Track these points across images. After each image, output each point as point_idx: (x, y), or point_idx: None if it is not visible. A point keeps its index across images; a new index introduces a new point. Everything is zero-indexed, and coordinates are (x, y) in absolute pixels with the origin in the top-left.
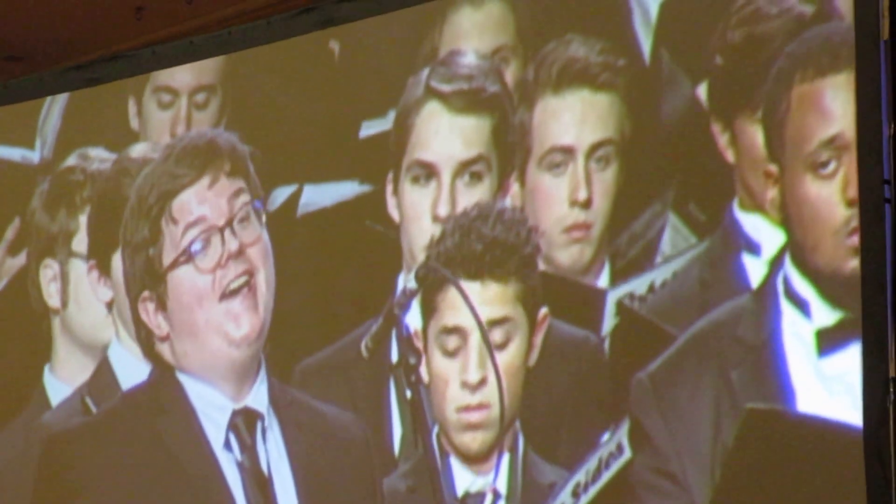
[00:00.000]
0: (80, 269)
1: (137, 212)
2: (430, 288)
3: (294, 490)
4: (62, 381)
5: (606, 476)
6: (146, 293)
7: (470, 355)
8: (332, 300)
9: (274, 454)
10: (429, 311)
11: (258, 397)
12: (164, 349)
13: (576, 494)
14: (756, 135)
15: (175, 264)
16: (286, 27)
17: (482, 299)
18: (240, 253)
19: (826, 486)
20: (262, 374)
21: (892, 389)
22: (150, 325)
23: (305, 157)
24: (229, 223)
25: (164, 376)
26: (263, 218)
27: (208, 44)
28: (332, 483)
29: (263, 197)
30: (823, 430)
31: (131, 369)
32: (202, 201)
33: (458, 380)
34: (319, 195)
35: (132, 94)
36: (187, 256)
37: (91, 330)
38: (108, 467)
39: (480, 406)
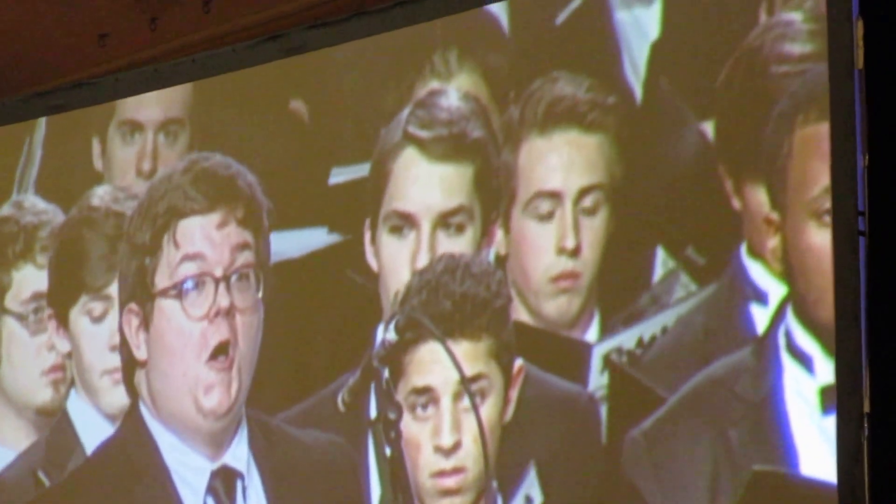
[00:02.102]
0: (11, 327)
1: (145, 213)
2: (398, 349)
3: None
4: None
5: None
6: (133, 305)
7: (443, 418)
8: (308, 351)
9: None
10: (397, 374)
11: (237, 453)
12: (141, 380)
13: None
14: (758, 183)
15: (165, 293)
16: (251, 55)
17: (455, 355)
18: (228, 313)
19: None
20: (243, 432)
21: (866, 425)
22: (130, 340)
23: (276, 199)
24: (226, 277)
25: (136, 433)
26: (261, 290)
27: (172, 72)
28: None
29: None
30: (829, 494)
31: (92, 423)
32: (206, 237)
33: (431, 444)
34: (289, 243)
35: (96, 135)
36: (178, 292)
37: (24, 391)
38: None
39: (455, 471)
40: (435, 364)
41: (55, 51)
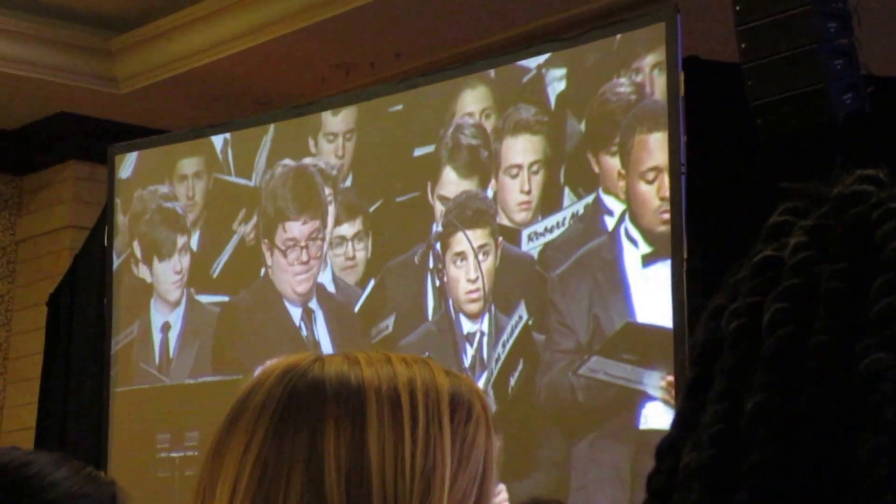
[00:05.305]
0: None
1: (272, 200)
2: (442, 235)
3: (331, 346)
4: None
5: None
6: (266, 241)
7: (469, 266)
8: (404, 234)
9: (321, 329)
10: (443, 247)
11: (312, 300)
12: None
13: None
14: (612, 159)
15: (279, 249)
16: (385, 90)
17: (474, 236)
18: (307, 261)
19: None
20: (314, 294)
21: (685, 265)
22: (266, 256)
23: (380, 178)
24: (306, 246)
25: (273, 293)
26: (326, 244)
27: (350, 98)
28: (351, 344)
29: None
30: (654, 330)
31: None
32: (297, 228)
33: (464, 279)
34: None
35: (310, 136)
36: (283, 252)
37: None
38: (251, 326)
39: (476, 290)
40: (464, 241)
41: (301, 82)
